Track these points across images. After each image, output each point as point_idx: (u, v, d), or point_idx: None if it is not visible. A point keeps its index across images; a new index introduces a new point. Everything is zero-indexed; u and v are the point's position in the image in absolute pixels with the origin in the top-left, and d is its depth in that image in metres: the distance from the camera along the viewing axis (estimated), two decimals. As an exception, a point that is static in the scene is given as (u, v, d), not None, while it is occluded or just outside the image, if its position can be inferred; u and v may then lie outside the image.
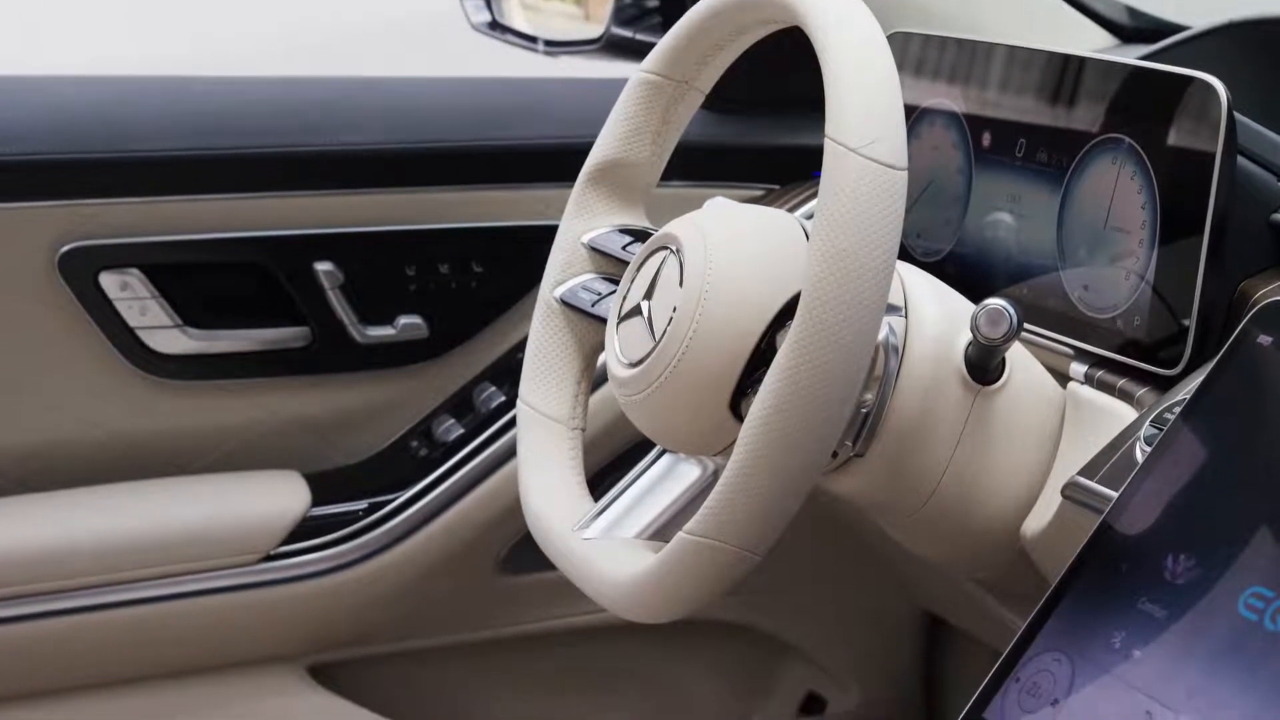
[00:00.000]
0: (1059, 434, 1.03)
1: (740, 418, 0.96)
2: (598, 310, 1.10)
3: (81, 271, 1.49)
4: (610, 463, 1.47)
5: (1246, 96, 1.03)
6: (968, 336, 0.99)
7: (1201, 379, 0.83)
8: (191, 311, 1.54)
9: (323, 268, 1.55)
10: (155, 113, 1.54)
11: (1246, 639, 0.73)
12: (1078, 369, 1.06)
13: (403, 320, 1.59)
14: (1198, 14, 1.44)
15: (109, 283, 1.50)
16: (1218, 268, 1.00)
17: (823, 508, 1.17)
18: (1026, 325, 1.05)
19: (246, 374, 1.57)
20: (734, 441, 0.92)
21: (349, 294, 1.57)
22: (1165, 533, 0.79)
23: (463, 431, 1.60)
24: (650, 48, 1.09)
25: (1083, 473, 0.94)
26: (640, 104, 1.09)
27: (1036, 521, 1.00)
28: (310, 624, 1.57)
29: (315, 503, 1.56)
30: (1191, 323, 1.00)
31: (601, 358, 1.08)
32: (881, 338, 0.97)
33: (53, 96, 1.54)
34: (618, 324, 1.04)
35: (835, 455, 0.99)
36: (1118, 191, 1.05)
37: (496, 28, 1.69)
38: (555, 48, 1.71)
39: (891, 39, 1.11)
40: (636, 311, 1.02)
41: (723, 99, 1.27)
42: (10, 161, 1.47)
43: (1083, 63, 1.10)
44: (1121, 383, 1.03)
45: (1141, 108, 1.05)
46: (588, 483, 1.11)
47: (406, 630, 1.63)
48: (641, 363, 0.99)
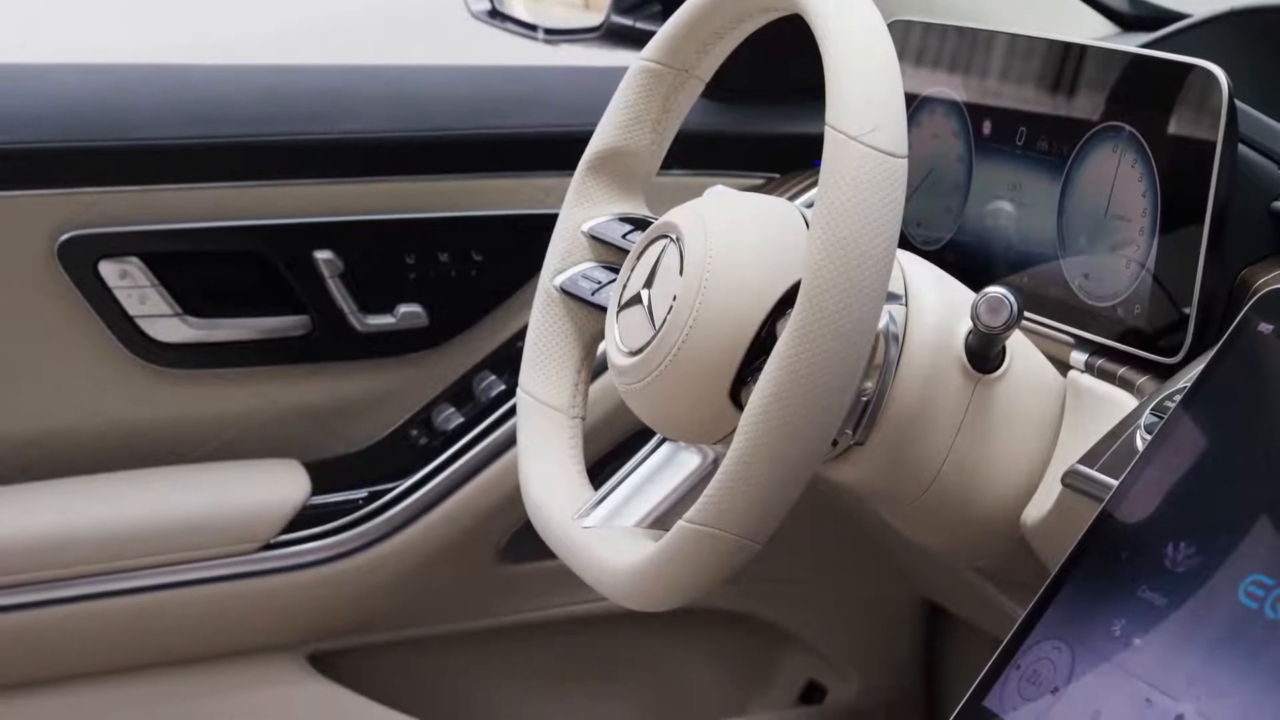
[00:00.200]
0: (1059, 422, 1.03)
1: (740, 406, 0.96)
2: (598, 299, 1.10)
3: (81, 260, 1.49)
4: (610, 451, 1.47)
5: (1247, 84, 1.03)
6: (968, 325, 0.99)
7: (1202, 367, 0.83)
8: (191, 300, 1.53)
9: (322, 256, 1.55)
10: (155, 101, 1.54)
11: (1246, 627, 0.73)
12: (1078, 357, 1.06)
13: (403, 309, 1.59)
14: (1198, 2, 1.44)
15: (108, 271, 1.50)
16: (1218, 256, 1.00)
17: (823, 496, 1.17)
18: (1027, 313, 1.05)
19: (246, 363, 1.57)
20: (734, 430, 0.92)
21: (349, 282, 1.56)
22: (1165, 521, 0.79)
23: (463, 420, 1.60)
24: (650, 36, 1.09)
25: (1083, 461, 0.94)
26: (640, 92, 1.09)
27: (1037, 510, 1.00)
28: (310, 612, 1.57)
29: (315, 491, 1.56)
30: (1192, 311, 1.00)
31: (601, 346, 1.08)
32: (882, 326, 0.97)
33: (52, 84, 1.54)
34: (618, 312, 1.03)
35: (835, 443, 0.99)
36: (1118, 180, 1.05)
37: (496, 16, 1.69)
38: (555, 36, 1.71)
39: (892, 27, 1.11)
40: (636, 300, 1.02)
41: (723, 87, 1.27)
42: (10, 150, 1.46)
43: (1083, 51, 1.10)
44: (1122, 371, 1.03)
45: (1142, 96, 1.04)
46: (588, 471, 1.11)
47: (407, 619, 1.63)
48: (641, 351, 0.99)
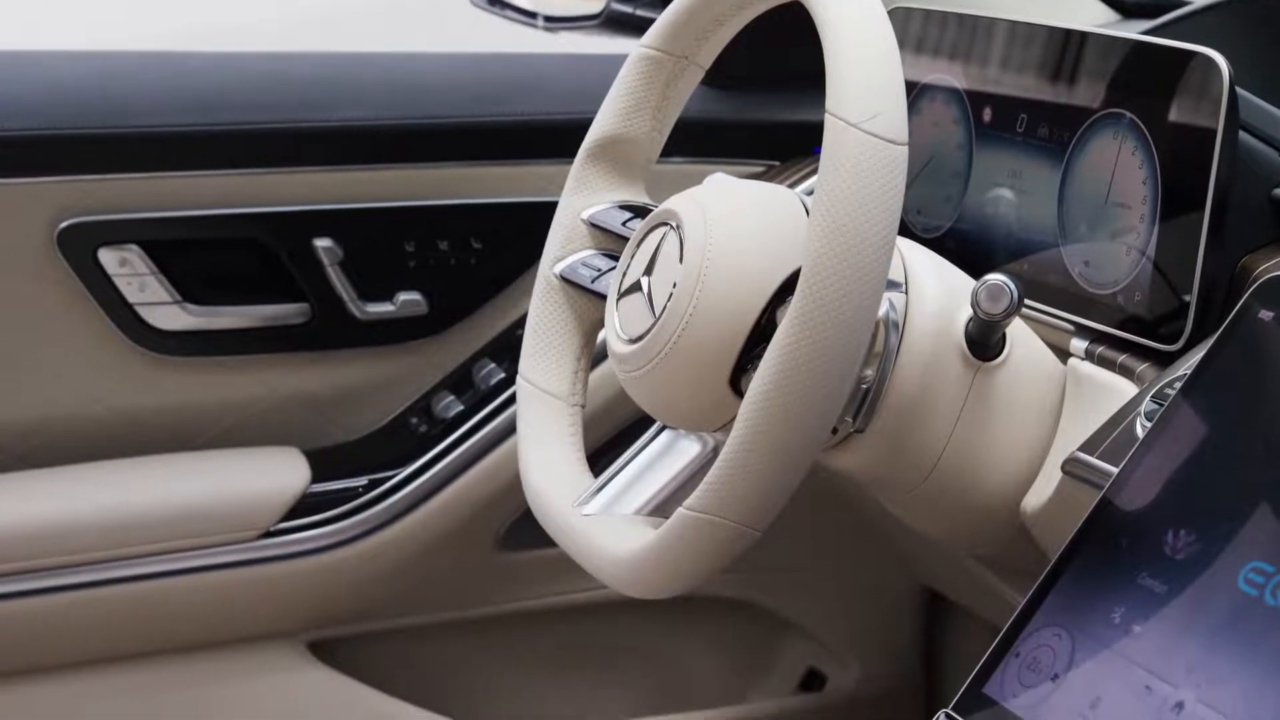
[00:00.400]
0: (1059, 410, 1.03)
1: (740, 394, 0.96)
2: (598, 286, 1.10)
3: (80, 247, 1.49)
4: (610, 439, 1.47)
5: (1248, 71, 1.03)
6: (968, 312, 0.99)
7: (1202, 354, 0.83)
8: (191, 287, 1.53)
9: (322, 244, 1.55)
10: (154, 88, 1.54)
11: (1246, 614, 0.73)
12: (1078, 345, 1.06)
13: (402, 297, 1.59)
14: (1200, -12, 1.44)
15: (108, 259, 1.50)
16: (1219, 243, 0.99)
17: (823, 484, 1.17)
18: (1027, 301, 1.05)
19: (246, 350, 1.57)
20: (734, 417, 0.92)
21: (348, 270, 1.56)
22: (1165, 508, 0.79)
23: (462, 408, 1.60)
24: (650, 23, 1.09)
25: (1083, 448, 0.94)
26: (640, 79, 1.09)
27: (1037, 497, 1.00)
28: (310, 600, 1.57)
29: (315, 479, 1.56)
30: (1192, 298, 1.00)
31: (601, 334, 1.08)
32: (882, 313, 0.97)
33: (50, 71, 1.54)
34: (618, 300, 1.03)
35: (835, 431, 0.99)
36: (1119, 167, 1.04)
37: (496, 3, 1.69)
38: (555, 23, 1.71)
39: (892, 14, 1.11)
40: (636, 287, 1.02)
41: (723, 75, 1.27)
42: (9, 137, 1.46)
43: (1084, 38, 1.09)
44: (1122, 358, 1.03)
45: (1143, 83, 1.04)
46: (588, 459, 1.11)
47: (406, 606, 1.63)
48: (641, 339, 0.99)
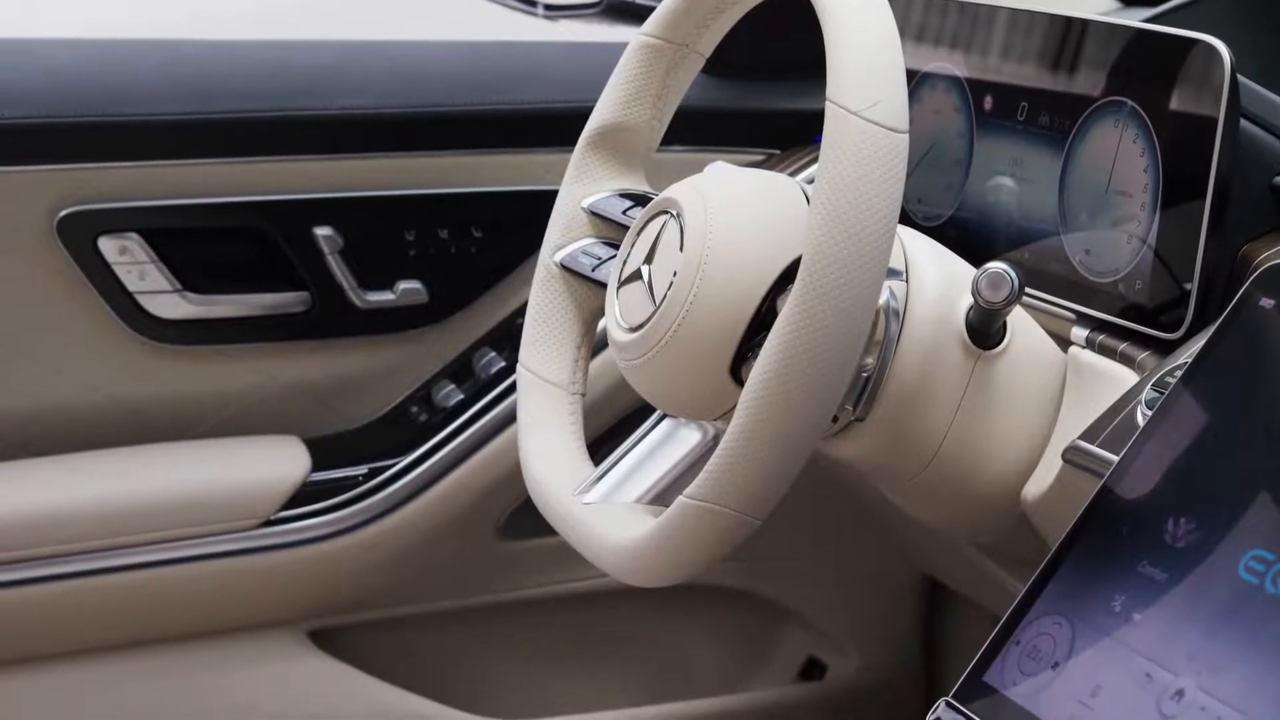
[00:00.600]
0: (1060, 398, 1.02)
1: (741, 382, 0.96)
2: (598, 275, 1.10)
3: (80, 236, 1.49)
4: (611, 428, 1.47)
5: (1249, 59, 1.03)
6: (969, 300, 0.99)
7: (1203, 343, 0.83)
8: (191, 276, 1.53)
9: (322, 232, 1.55)
10: (153, 76, 1.53)
11: (1247, 602, 0.73)
12: (1079, 333, 1.06)
13: (402, 285, 1.59)
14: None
15: (108, 247, 1.50)
16: (1220, 231, 0.99)
17: (823, 472, 1.17)
18: (1028, 289, 1.05)
19: (246, 339, 1.57)
20: (734, 406, 0.92)
21: (348, 259, 1.56)
22: (1166, 496, 0.79)
23: (463, 397, 1.60)
24: (650, 11, 1.09)
25: (1084, 437, 0.94)
26: (640, 68, 1.09)
27: (1037, 486, 1.00)
28: (310, 589, 1.57)
29: (315, 468, 1.56)
30: (1193, 286, 0.99)
31: (602, 323, 1.08)
32: (882, 302, 0.97)
33: (48, 60, 1.54)
34: (618, 288, 1.03)
35: (836, 419, 0.99)
36: (1120, 155, 1.04)
37: (496, -9, 1.69)
38: (554, 11, 1.71)
39: (893, 2, 1.10)
40: (637, 276, 1.01)
41: (723, 63, 1.27)
42: (8, 125, 1.46)
43: (1085, 26, 1.09)
44: (1123, 347, 1.03)
45: (1144, 71, 1.04)
46: (588, 447, 1.11)
47: (407, 595, 1.63)
48: (642, 327, 0.99)
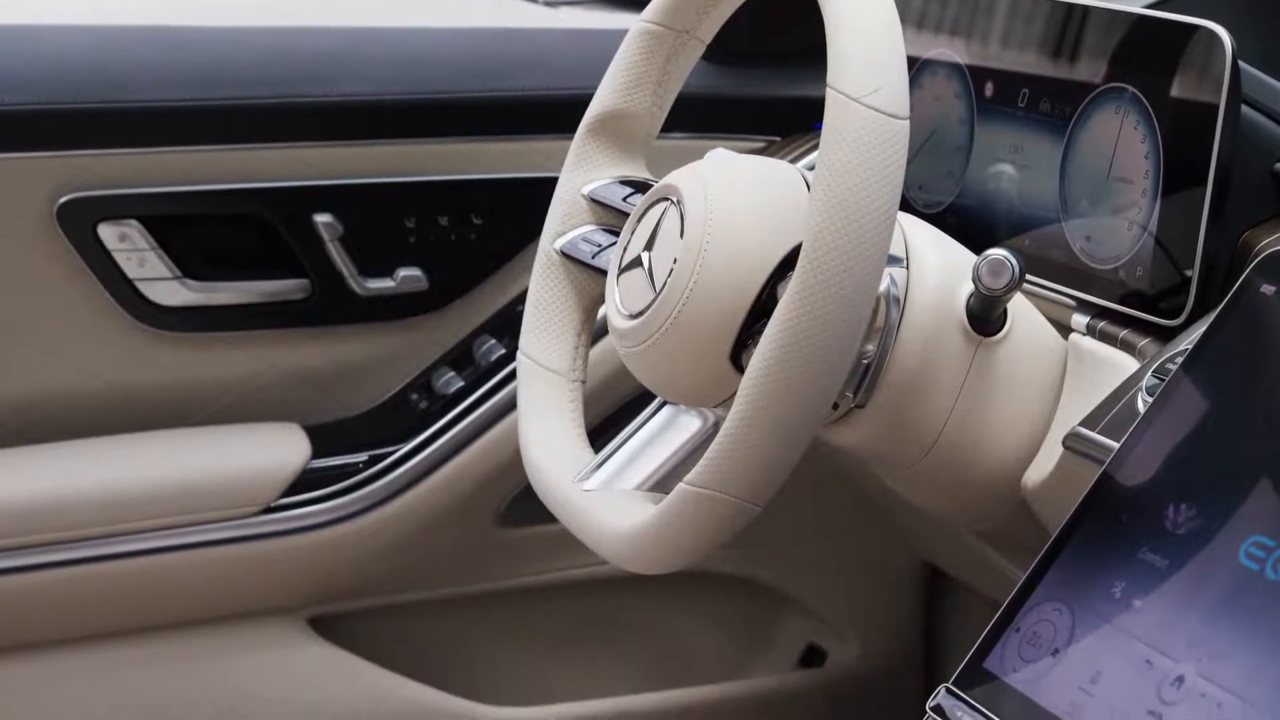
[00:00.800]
0: (1060, 385, 1.02)
1: (741, 369, 0.96)
2: (598, 262, 1.10)
3: (80, 222, 1.49)
4: (611, 415, 1.47)
5: (1250, 45, 1.03)
6: (969, 287, 0.99)
7: (1204, 329, 0.83)
8: (190, 263, 1.53)
9: (322, 219, 1.55)
10: (153, 63, 1.53)
11: (1247, 588, 0.73)
12: (1079, 320, 1.06)
13: (402, 272, 1.59)
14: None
15: (107, 234, 1.50)
16: (1221, 218, 0.99)
17: (823, 459, 1.17)
18: (1028, 276, 1.05)
19: (246, 326, 1.56)
20: (735, 393, 0.92)
21: (348, 246, 1.56)
22: (1166, 483, 0.79)
23: (463, 384, 1.60)
24: (650, -2, 1.09)
25: (1084, 423, 0.94)
26: (641, 54, 1.09)
27: (1037, 473, 1.00)
28: (310, 576, 1.57)
29: (315, 455, 1.56)
30: (1194, 273, 0.99)
31: (602, 310, 1.08)
32: (883, 289, 0.97)
33: (49, 46, 1.53)
34: (618, 275, 1.03)
35: (836, 406, 0.99)
36: (1121, 142, 1.04)
37: (496, -22, 1.68)
38: (555, -2, 1.70)
39: (894, -12, 1.10)
40: (637, 263, 1.01)
41: (724, 50, 1.27)
42: (7, 112, 1.46)
43: (1086, 12, 1.09)
44: (1123, 334, 1.03)
45: (1145, 57, 1.04)
46: (588, 435, 1.11)
47: (407, 582, 1.63)
48: (642, 314, 0.99)
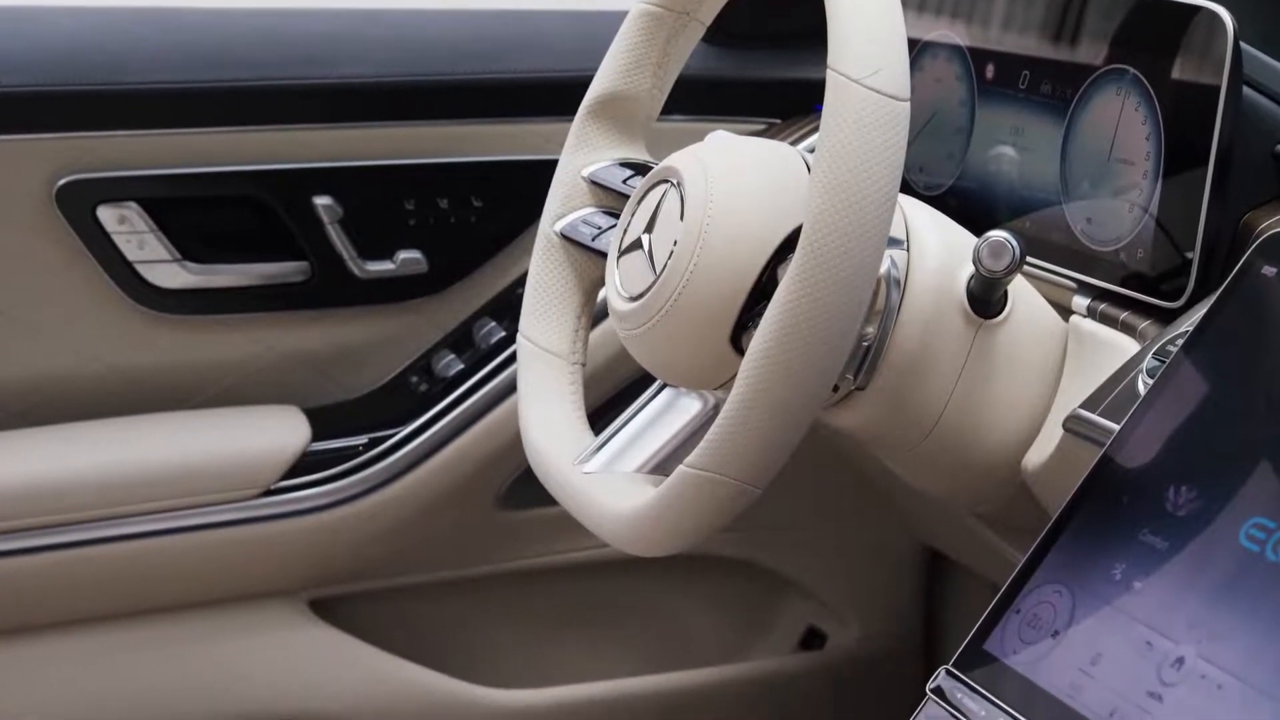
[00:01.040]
0: (1061, 367, 1.02)
1: (741, 351, 0.95)
2: (598, 244, 1.10)
3: (79, 205, 1.49)
4: (611, 397, 1.47)
5: (1252, 26, 1.02)
6: (970, 269, 0.98)
7: (1204, 311, 0.83)
8: (190, 245, 1.53)
9: (322, 202, 1.54)
10: (152, 45, 1.53)
11: (1247, 570, 0.73)
12: (1080, 302, 1.06)
13: (402, 255, 1.59)
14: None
15: (107, 216, 1.49)
16: (1222, 199, 0.99)
17: (824, 442, 1.17)
18: (1029, 258, 1.04)
19: (245, 308, 1.56)
20: (735, 375, 0.92)
21: (348, 228, 1.56)
22: (1167, 465, 0.79)
23: (463, 367, 1.60)
24: (651, -21, 1.09)
25: (1085, 405, 0.94)
26: (641, 36, 1.09)
27: (1038, 455, 1.00)
28: (310, 558, 1.57)
29: (315, 438, 1.56)
30: (1195, 255, 0.99)
31: (602, 292, 1.07)
32: (883, 271, 0.97)
33: (49, 27, 1.53)
34: (618, 258, 1.03)
35: (836, 389, 0.99)
36: (1122, 123, 1.04)
37: (496, -40, 1.68)
38: (555, -20, 1.70)
39: (895, -30, 1.10)
40: (637, 245, 1.01)
41: (724, 32, 1.27)
42: (7, 93, 1.45)
43: (1087, -7, 1.09)
44: (1124, 316, 1.03)
45: (1147, 38, 1.04)
46: (588, 417, 1.11)
47: (406, 565, 1.63)
48: (642, 296, 0.99)
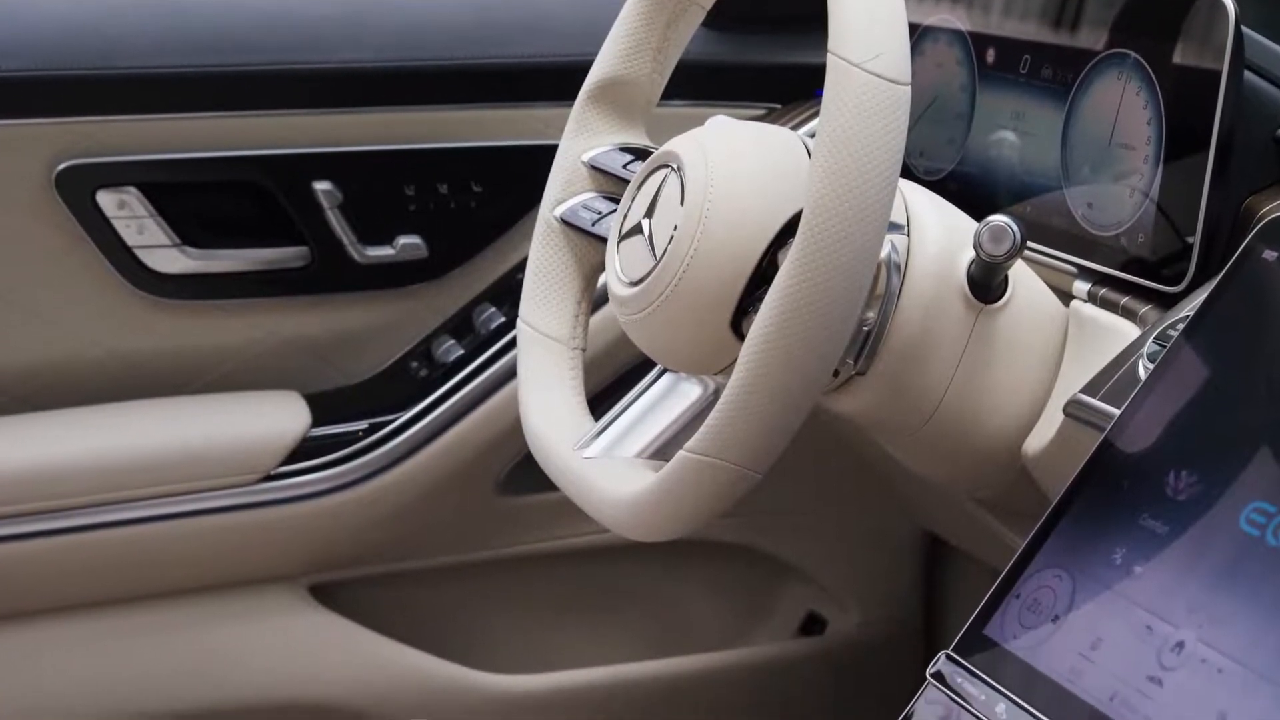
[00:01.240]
0: (1061, 352, 1.02)
1: (741, 336, 0.95)
2: (598, 229, 1.10)
3: (79, 189, 1.49)
4: (611, 383, 1.47)
5: (1253, 11, 1.02)
6: (970, 254, 0.98)
7: (1205, 296, 0.83)
8: (190, 230, 1.53)
9: (321, 187, 1.54)
10: (152, 29, 1.53)
11: (1248, 554, 0.73)
12: (1081, 287, 1.06)
13: (402, 240, 1.58)
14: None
15: (106, 201, 1.49)
16: (1223, 184, 0.99)
17: (824, 427, 1.17)
18: (1029, 243, 1.04)
19: (245, 294, 1.56)
20: (735, 360, 0.92)
21: (348, 214, 1.56)
22: (1167, 449, 0.79)
23: (463, 352, 1.60)
24: (651, -37, 1.08)
25: (1085, 390, 0.94)
26: (641, 20, 1.08)
27: (1038, 440, 1.00)
28: (310, 544, 1.57)
29: (315, 423, 1.56)
30: (1195, 239, 0.99)
31: (602, 277, 1.07)
32: (884, 255, 0.97)
33: (48, 11, 1.53)
34: (618, 243, 1.03)
35: (837, 374, 0.99)
36: (1123, 108, 1.04)
37: (496, -56, 1.67)
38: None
39: (895, -46, 1.10)
40: (637, 230, 1.01)
41: (724, 16, 1.26)
42: (6, 78, 1.45)
43: (1088, -23, 1.09)
44: (1125, 300, 1.03)
45: (1148, 22, 1.04)
46: (588, 403, 1.11)
47: (407, 551, 1.63)
48: (642, 281, 0.99)
